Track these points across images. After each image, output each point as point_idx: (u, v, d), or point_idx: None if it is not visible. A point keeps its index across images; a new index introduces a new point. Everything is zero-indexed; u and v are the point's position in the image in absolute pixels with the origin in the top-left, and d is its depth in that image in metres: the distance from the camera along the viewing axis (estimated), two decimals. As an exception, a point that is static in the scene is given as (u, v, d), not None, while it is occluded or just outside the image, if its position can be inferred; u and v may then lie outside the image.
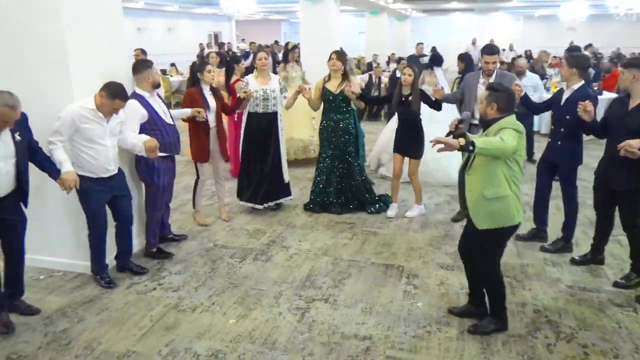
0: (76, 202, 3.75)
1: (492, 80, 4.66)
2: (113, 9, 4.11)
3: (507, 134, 2.88)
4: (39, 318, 3.43)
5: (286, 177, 5.39)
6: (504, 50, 19.33)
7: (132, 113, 3.91)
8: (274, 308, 3.56)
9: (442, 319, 3.40)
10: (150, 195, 4.24)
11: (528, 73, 6.98)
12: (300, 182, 6.49)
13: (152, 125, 4.06)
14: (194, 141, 4.78)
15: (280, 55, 12.91)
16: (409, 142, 5.09)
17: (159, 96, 4.28)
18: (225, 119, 6.76)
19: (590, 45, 15.87)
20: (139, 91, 4.06)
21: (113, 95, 3.50)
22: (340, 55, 5.23)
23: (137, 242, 4.37)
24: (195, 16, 21.22)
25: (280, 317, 3.46)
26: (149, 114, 4.05)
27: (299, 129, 6.99)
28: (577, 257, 4.19)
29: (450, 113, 6.10)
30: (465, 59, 7.27)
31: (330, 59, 5.15)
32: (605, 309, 3.50)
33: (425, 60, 9.94)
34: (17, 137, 3.11)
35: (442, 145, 2.81)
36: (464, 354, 3.03)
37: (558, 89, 5.00)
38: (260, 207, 5.32)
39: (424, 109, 5.16)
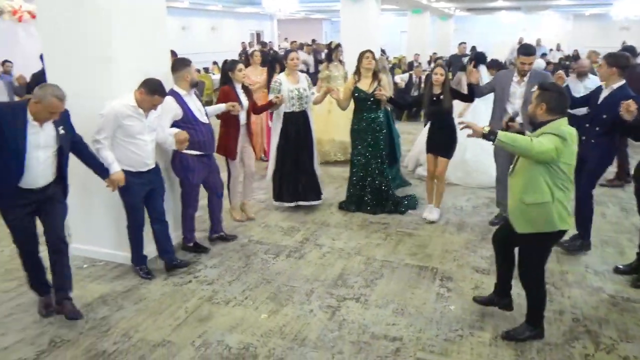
0: (119, 197, 3.88)
1: (526, 80, 4.53)
2: (157, 9, 4.23)
3: (543, 137, 2.80)
4: (81, 305, 3.57)
5: (318, 171, 5.46)
6: (551, 50, 18.74)
7: (166, 109, 3.98)
8: (305, 305, 3.59)
9: (476, 323, 3.34)
10: (184, 193, 4.34)
11: (591, 75, 6.41)
12: (336, 181, 6.50)
13: (186, 124, 4.12)
14: (224, 138, 4.83)
15: (322, 55, 12.97)
16: (441, 141, 5.02)
17: (196, 95, 4.37)
18: (264, 118, 6.87)
19: None
20: (176, 89, 4.14)
21: (152, 91, 3.60)
22: (374, 54, 5.24)
23: (175, 236, 4.48)
24: (238, 15, 21.56)
25: (311, 314, 3.48)
26: (183, 112, 4.11)
27: (340, 130, 6.99)
28: (621, 266, 4.03)
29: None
30: (495, 66, 7.11)
31: (365, 57, 5.12)
32: (649, 320, 3.36)
33: (465, 60, 9.75)
34: (61, 131, 3.23)
35: (470, 131, 2.95)
36: (497, 360, 2.98)
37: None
38: (313, 202, 5.41)
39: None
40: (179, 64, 4.18)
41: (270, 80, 6.50)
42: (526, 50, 4.61)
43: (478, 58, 7.28)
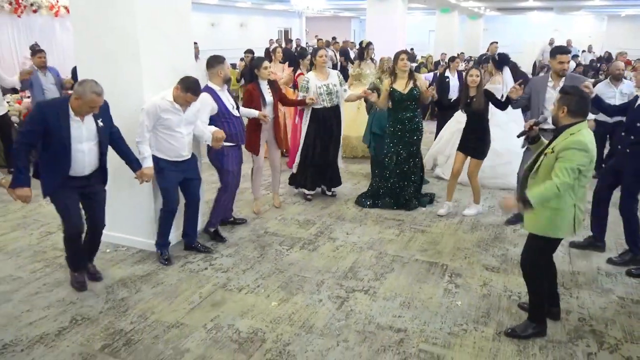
0: (144, 186, 4.06)
1: (561, 84, 4.44)
2: (183, 8, 4.36)
3: (564, 164, 2.79)
4: (102, 286, 3.78)
5: (341, 164, 5.68)
6: (583, 51, 18.37)
7: (204, 105, 4.22)
8: (315, 295, 3.70)
9: (480, 319, 3.39)
10: (221, 179, 4.60)
11: (625, 80, 6.24)
12: (355, 177, 6.59)
13: (220, 117, 4.37)
14: (249, 134, 4.99)
15: (351, 52, 13.07)
16: (473, 142, 5.04)
17: (228, 90, 4.58)
18: (287, 114, 7.00)
19: None
20: (211, 85, 4.38)
21: (186, 89, 3.80)
22: (410, 55, 5.30)
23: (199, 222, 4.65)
24: (267, 12, 21.77)
25: (320, 303, 3.58)
26: (218, 107, 4.35)
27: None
28: (634, 269, 4.00)
29: (509, 116, 5.99)
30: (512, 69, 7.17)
31: (400, 59, 5.14)
32: (657, 323, 3.35)
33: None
34: (100, 123, 3.48)
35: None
36: (498, 355, 3.02)
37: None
38: (312, 192, 5.65)
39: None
40: (214, 61, 4.39)
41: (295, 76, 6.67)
42: (562, 49, 4.56)
43: (502, 60, 7.23)
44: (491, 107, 4.98)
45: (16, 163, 3.30)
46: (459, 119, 6.98)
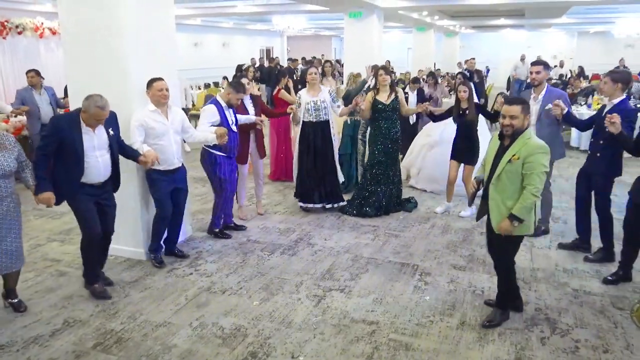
0: (130, 199, 4.32)
1: (541, 97, 4.71)
2: (168, 28, 4.66)
3: (533, 170, 3.08)
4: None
5: (341, 177, 5.99)
6: (555, 66, 19.09)
7: (209, 114, 4.71)
8: (294, 294, 3.95)
9: (446, 311, 3.68)
10: (214, 186, 4.98)
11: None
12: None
13: None
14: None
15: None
16: (465, 150, 5.55)
17: (233, 110, 4.98)
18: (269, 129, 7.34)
19: None
20: (219, 99, 4.85)
21: (148, 83, 4.15)
22: (387, 70, 5.75)
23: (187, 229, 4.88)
24: (249, 32, 22.20)
25: (299, 302, 3.84)
26: (221, 120, 4.77)
27: None
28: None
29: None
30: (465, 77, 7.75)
31: (379, 75, 5.60)
32: (605, 311, 3.67)
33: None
34: (111, 132, 3.78)
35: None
36: (461, 341, 3.31)
37: (600, 105, 5.27)
38: (318, 206, 5.82)
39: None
40: (233, 88, 4.87)
41: (272, 92, 7.05)
42: (534, 61, 4.91)
43: (465, 77, 7.77)
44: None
45: (37, 173, 3.59)
46: (428, 133, 7.36)
